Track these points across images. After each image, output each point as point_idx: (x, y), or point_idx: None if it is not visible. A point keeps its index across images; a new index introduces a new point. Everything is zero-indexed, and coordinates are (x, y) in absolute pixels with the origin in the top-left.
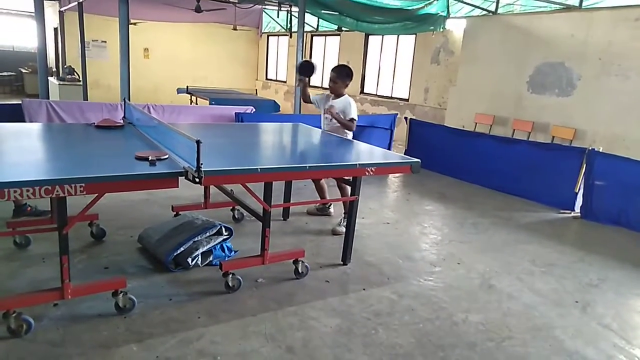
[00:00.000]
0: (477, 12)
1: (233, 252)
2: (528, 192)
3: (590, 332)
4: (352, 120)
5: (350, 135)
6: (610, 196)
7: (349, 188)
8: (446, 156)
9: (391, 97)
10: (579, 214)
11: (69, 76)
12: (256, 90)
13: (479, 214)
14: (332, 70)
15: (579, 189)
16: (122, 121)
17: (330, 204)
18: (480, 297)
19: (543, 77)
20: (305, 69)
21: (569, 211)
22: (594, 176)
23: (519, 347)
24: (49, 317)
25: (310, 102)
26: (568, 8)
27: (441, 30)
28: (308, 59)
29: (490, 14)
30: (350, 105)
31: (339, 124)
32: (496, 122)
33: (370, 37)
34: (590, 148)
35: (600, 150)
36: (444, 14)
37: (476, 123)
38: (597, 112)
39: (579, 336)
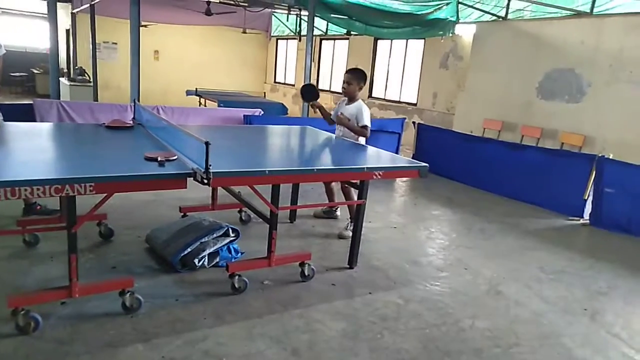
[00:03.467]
0: (487, 17)
1: (239, 254)
2: (536, 198)
3: (599, 340)
4: (364, 127)
5: (363, 141)
6: (620, 204)
7: (353, 192)
8: (454, 161)
9: (399, 102)
10: (588, 221)
11: (80, 77)
12: (264, 93)
13: (486, 220)
14: (347, 72)
15: (588, 196)
16: (131, 122)
17: (337, 207)
18: (487, 303)
19: (552, 83)
20: (309, 93)
21: (577, 218)
22: (603, 183)
23: (527, 354)
24: (56, 315)
25: (334, 122)
26: (579, 14)
27: (450, 35)
28: (307, 83)
29: (500, 19)
30: (362, 112)
31: (352, 132)
32: (505, 127)
33: (379, 41)
34: (600, 155)
35: (610, 157)
36: (454, 19)
37: (484, 128)
38: (607, 119)
39: (587, 344)
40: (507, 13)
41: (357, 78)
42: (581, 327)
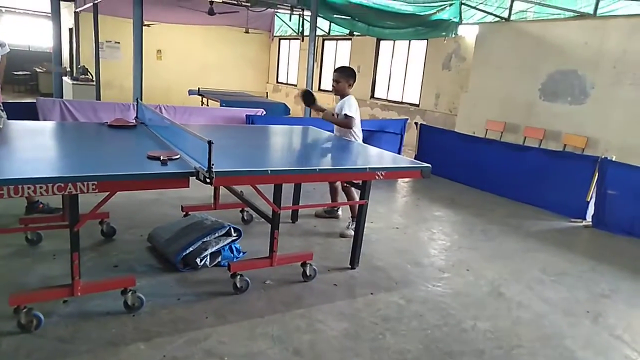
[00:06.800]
0: (490, 18)
1: (241, 254)
2: (539, 200)
3: (601, 342)
4: (346, 116)
5: (359, 138)
6: (623, 206)
7: (354, 191)
8: (456, 162)
9: (402, 102)
10: (590, 223)
11: (83, 76)
12: (267, 93)
13: (488, 221)
14: (335, 70)
15: (591, 198)
16: (134, 121)
17: (339, 207)
18: (489, 305)
19: (555, 84)
20: (308, 98)
21: (580, 220)
22: (606, 185)
23: (528, 356)
24: (58, 313)
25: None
26: (582, 16)
27: (453, 36)
28: (304, 89)
29: (503, 20)
30: (345, 103)
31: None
32: (507, 129)
33: (381, 42)
34: (603, 156)
35: (613, 159)
36: (456, 20)
37: (487, 130)
38: (611, 121)
39: (589, 346)
40: (510, 14)
41: (345, 76)
42: (583, 329)
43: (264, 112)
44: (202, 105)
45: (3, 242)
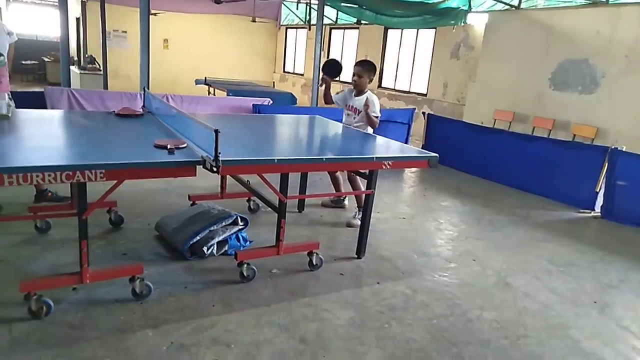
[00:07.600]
0: (500, 6)
1: (248, 242)
2: (547, 190)
3: (608, 333)
4: (376, 117)
5: (370, 130)
6: (632, 196)
7: (359, 180)
8: (464, 152)
9: (409, 92)
10: (599, 214)
11: (90, 65)
12: (274, 82)
13: (496, 211)
14: (357, 64)
15: (600, 189)
16: (141, 110)
17: (345, 197)
18: (496, 295)
19: (565, 74)
20: (331, 68)
21: (589, 211)
22: (615, 176)
23: (534, 346)
24: (68, 300)
25: (332, 103)
26: (594, 3)
27: (462, 24)
28: (335, 59)
29: (513, 8)
30: (374, 103)
31: (362, 122)
32: (516, 118)
33: (389, 30)
34: (612, 147)
35: (623, 149)
36: (465, 8)
37: (495, 119)
38: (621, 111)
39: (596, 337)
40: (520, 2)
41: (367, 70)
42: (590, 319)
43: (271, 102)
44: (208, 94)
45: (12, 230)
